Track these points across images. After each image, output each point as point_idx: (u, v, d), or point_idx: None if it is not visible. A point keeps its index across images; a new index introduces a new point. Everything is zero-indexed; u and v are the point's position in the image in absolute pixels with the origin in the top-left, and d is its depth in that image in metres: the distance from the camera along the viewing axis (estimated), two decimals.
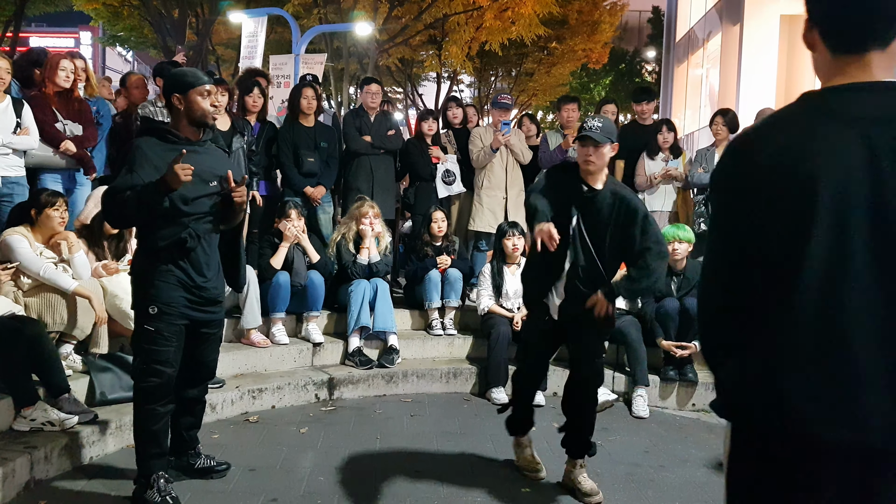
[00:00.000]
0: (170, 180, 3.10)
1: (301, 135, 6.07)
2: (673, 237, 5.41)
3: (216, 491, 3.60)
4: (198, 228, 3.33)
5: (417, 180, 6.72)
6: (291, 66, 10.44)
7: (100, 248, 4.58)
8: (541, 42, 18.05)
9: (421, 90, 23.85)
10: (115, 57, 35.04)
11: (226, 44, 20.91)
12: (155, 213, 3.20)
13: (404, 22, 15.87)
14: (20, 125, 4.81)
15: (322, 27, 13.85)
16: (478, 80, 23.96)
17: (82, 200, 5.07)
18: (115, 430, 3.99)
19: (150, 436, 3.33)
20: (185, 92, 3.30)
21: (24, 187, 4.82)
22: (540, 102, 23.93)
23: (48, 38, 33.32)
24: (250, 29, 11.03)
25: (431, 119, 6.78)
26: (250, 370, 5.16)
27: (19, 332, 3.65)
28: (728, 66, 17.87)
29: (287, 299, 5.39)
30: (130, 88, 6.16)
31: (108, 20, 19.03)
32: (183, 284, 3.32)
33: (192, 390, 3.59)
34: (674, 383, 5.36)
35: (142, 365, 3.30)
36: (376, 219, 5.74)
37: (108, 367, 4.26)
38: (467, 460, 4.15)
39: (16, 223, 4.28)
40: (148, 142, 3.27)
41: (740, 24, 16.97)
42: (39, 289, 4.14)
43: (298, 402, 5.03)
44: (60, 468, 3.66)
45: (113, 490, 3.52)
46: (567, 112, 6.72)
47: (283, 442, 4.31)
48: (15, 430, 3.68)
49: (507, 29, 15.46)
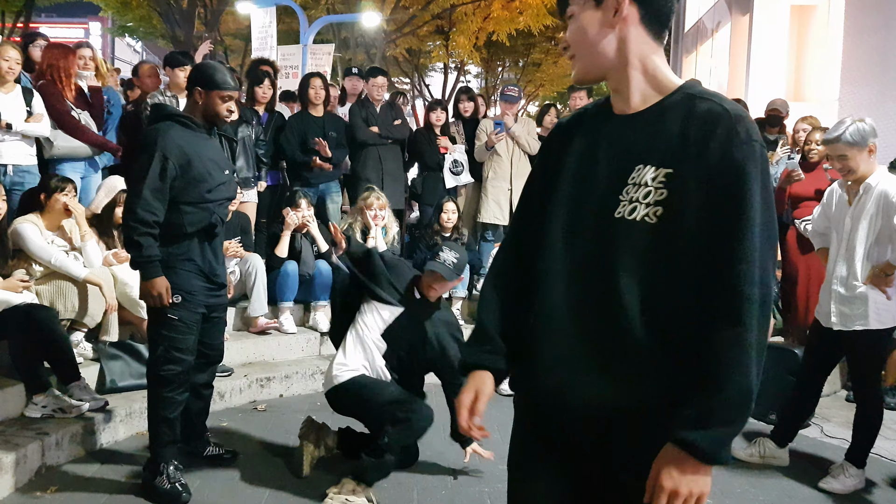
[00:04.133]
0: (151, 293, 3.23)
1: (309, 124, 6.08)
2: None
3: (225, 478, 3.63)
4: (220, 214, 3.42)
5: (425, 170, 6.73)
6: (299, 56, 10.44)
7: (110, 237, 4.61)
8: (548, 32, 17.97)
9: (428, 80, 23.81)
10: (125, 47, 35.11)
11: (234, 34, 20.91)
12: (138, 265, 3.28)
13: (412, 12, 15.85)
14: (30, 113, 4.84)
15: (330, 17, 13.84)
16: (485, 71, 23.91)
17: (94, 189, 5.10)
18: (125, 417, 4.03)
19: (165, 423, 3.36)
20: (209, 90, 3.34)
21: (35, 175, 4.84)
22: (547, 93, 23.85)
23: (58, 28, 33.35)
24: (261, 20, 11.01)
25: (440, 109, 6.78)
26: (258, 359, 5.20)
27: (32, 320, 3.68)
28: (737, 56, 17.78)
29: (295, 288, 5.42)
30: (142, 77, 6.19)
31: (118, 10, 19.06)
32: (202, 272, 3.37)
33: (203, 375, 3.63)
34: None
35: (163, 353, 3.32)
36: (382, 210, 5.74)
37: (118, 354, 4.30)
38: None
39: (26, 210, 4.32)
40: (173, 126, 3.29)
41: (750, 15, 16.87)
42: (51, 276, 4.18)
43: (306, 391, 5.06)
44: (72, 454, 3.71)
45: (123, 476, 3.55)
46: (575, 100, 6.72)
47: (291, 430, 4.32)
48: (27, 417, 3.72)
49: (515, 19, 15.43)
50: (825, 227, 3.98)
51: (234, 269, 5.19)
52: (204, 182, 3.30)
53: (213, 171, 3.34)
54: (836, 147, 3.61)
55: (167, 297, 3.24)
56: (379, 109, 6.47)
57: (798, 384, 4.08)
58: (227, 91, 3.36)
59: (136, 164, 3.27)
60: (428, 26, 17.04)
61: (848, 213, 3.73)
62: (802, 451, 4.26)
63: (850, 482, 3.76)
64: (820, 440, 4.52)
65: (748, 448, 4.16)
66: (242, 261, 5.21)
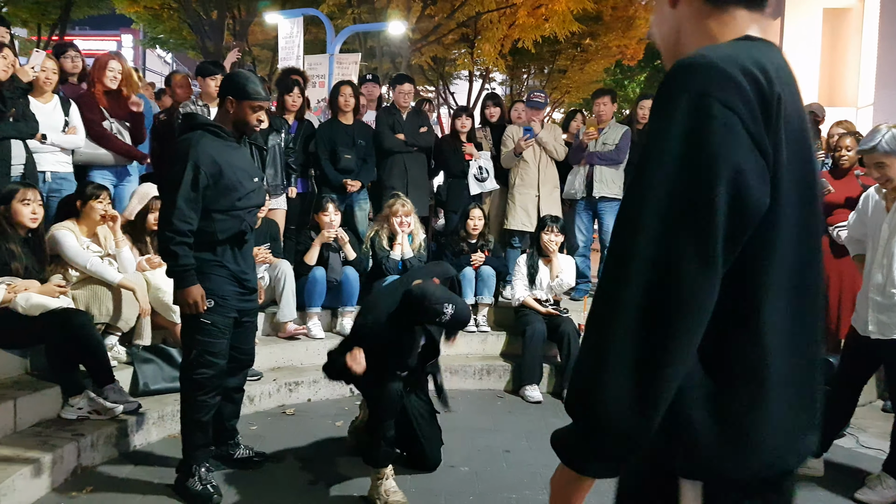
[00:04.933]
0: (187, 301, 3.29)
1: (339, 132, 6.15)
2: None
3: (255, 481, 3.68)
4: (251, 221, 3.48)
5: (450, 177, 6.76)
6: (326, 65, 10.53)
7: (143, 244, 4.70)
8: (574, 39, 17.92)
9: (453, 88, 23.85)
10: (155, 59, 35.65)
11: (262, 44, 21.14)
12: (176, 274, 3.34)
13: (437, 20, 15.90)
14: (68, 123, 4.95)
15: (356, 27, 13.93)
16: (510, 78, 23.88)
17: (128, 196, 5.20)
18: (157, 419, 4.10)
19: (198, 426, 3.42)
20: (240, 100, 3.40)
21: (72, 183, 4.96)
22: (573, 99, 23.75)
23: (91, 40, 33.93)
24: (287, 30, 11.13)
25: (465, 116, 6.81)
26: (287, 363, 5.25)
27: (68, 324, 3.77)
28: None
29: (323, 294, 5.47)
30: (175, 87, 6.30)
31: (149, 23, 19.39)
32: (234, 277, 3.43)
33: (234, 379, 3.68)
34: None
35: (197, 357, 3.38)
36: (408, 216, 5.78)
37: (150, 358, 4.38)
38: (502, 457, 4.17)
39: (63, 216, 4.42)
40: (204, 136, 3.35)
41: (781, 19, 16.70)
42: (86, 282, 4.27)
43: (333, 396, 5.10)
44: (106, 455, 3.78)
45: (156, 478, 3.61)
46: (599, 105, 6.70)
47: (319, 434, 4.38)
48: (63, 418, 3.81)
49: (541, 26, 15.39)
50: (861, 233, 3.91)
51: (264, 275, 5.25)
52: (234, 190, 3.36)
53: (243, 179, 3.40)
54: (873, 156, 3.51)
55: (202, 305, 3.31)
56: (405, 117, 6.52)
57: (833, 393, 3.96)
58: (258, 101, 3.42)
59: (169, 174, 3.34)
60: (453, 34, 17.07)
61: (886, 219, 3.64)
62: (838, 461, 4.19)
63: (888, 493, 3.69)
64: (856, 450, 4.45)
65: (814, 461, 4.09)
66: (271, 267, 5.28)
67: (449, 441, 4.31)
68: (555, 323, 5.43)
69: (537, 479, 3.82)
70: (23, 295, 3.85)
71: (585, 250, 6.76)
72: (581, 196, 6.59)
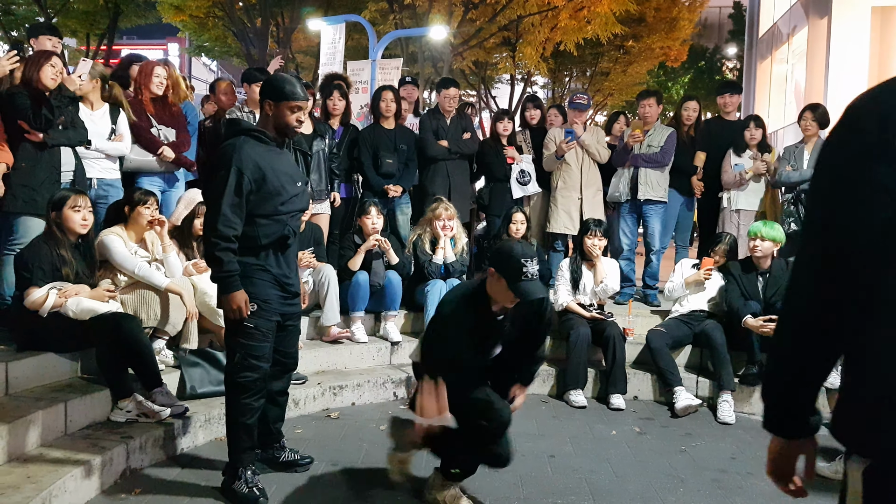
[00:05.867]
0: (231, 306, 3.29)
1: (381, 137, 6.16)
2: (756, 233, 5.26)
3: (300, 484, 3.68)
4: (293, 225, 3.48)
5: (492, 181, 6.72)
6: (368, 71, 10.59)
7: (189, 248, 4.76)
8: (617, 41, 17.76)
9: (494, 92, 23.82)
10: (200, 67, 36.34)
11: (305, 51, 21.40)
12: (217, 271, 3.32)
13: (478, 24, 15.88)
14: (115, 131, 5.04)
15: (398, 32, 13.98)
16: (552, 81, 23.77)
17: (175, 202, 5.27)
18: (204, 422, 4.14)
19: (243, 429, 3.44)
20: (278, 101, 3.41)
21: (119, 189, 5.04)
22: (616, 102, 23.55)
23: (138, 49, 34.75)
24: (330, 37, 11.23)
25: (507, 119, 6.78)
26: (331, 367, 5.27)
27: (118, 328, 3.83)
28: (815, 61, 17.22)
29: (366, 298, 5.48)
30: (219, 95, 6.38)
31: (195, 31, 19.76)
32: (277, 281, 3.44)
33: (279, 382, 3.70)
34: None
35: (241, 360, 3.39)
36: (451, 220, 5.76)
37: (197, 362, 4.42)
38: (547, 462, 4.12)
39: (112, 221, 4.49)
40: (247, 142, 3.36)
41: (828, 18, 16.32)
42: (134, 286, 4.34)
43: (378, 400, 5.10)
44: (154, 458, 3.82)
45: (203, 480, 3.64)
46: (644, 107, 6.60)
47: (363, 438, 4.38)
48: (112, 421, 3.86)
49: (583, 28, 15.28)
50: None
51: (308, 280, 5.28)
52: (278, 195, 3.37)
53: (286, 183, 3.41)
54: None
55: (246, 310, 3.32)
56: (449, 122, 6.50)
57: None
58: (295, 101, 3.41)
59: (213, 181, 3.36)
60: (495, 38, 17.04)
61: None
62: None
63: None
64: None
65: (832, 465, 3.98)
66: (315, 271, 5.31)
67: None
68: (600, 327, 5.36)
69: (583, 485, 3.76)
70: (73, 300, 3.92)
71: (630, 254, 6.65)
72: (626, 199, 6.49)
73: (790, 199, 6.13)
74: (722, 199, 6.54)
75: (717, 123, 7.04)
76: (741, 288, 5.29)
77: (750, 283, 5.29)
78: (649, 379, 5.42)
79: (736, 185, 6.40)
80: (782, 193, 6.43)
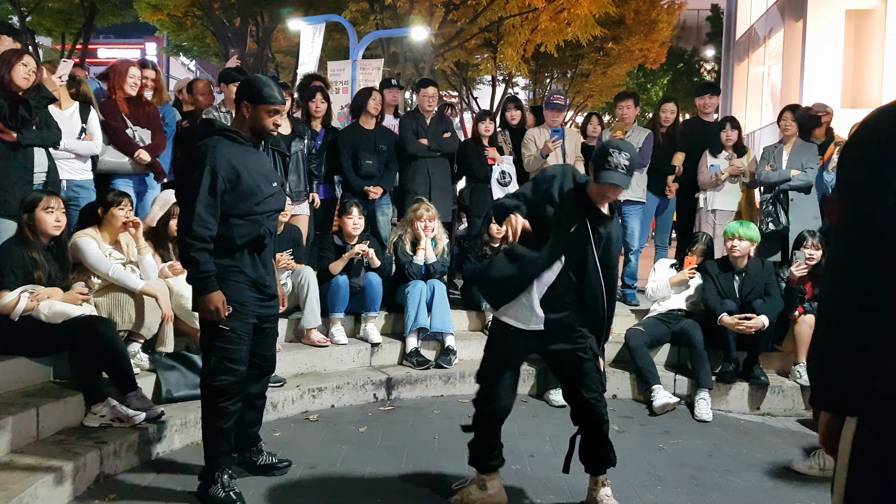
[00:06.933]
0: (208, 308, 3.25)
1: (361, 137, 6.14)
2: (733, 233, 5.30)
3: (278, 487, 3.65)
4: (270, 226, 3.45)
5: (473, 182, 6.72)
6: (349, 71, 10.56)
7: (165, 250, 4.71)
8: (597, 43, 17.85)
9: (476, 93, 23.85)
10: (179, 66, 36.07)
11: (285, 51, 21.31)
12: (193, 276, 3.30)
13: (459, 25, 15.90)
14: (85, 130, 4.97)
15: (379, 33, 13.96)
16: (533, 83, 23.84)
17: (151, 203, 5.21)
18: (180, 426, 4.09)
19: (220, 433, 3.40)
20: (255, 104, 3.38)
21: (90, 191, 4.96)
22: (596, 103, 23.66)
23: (115, 49, 34.49)
24: (310, 37, 11.19)
25: (488, 120, 6.77)
26: (310, 370, 5.23)
27: (91, 332, 3.77)
28: (791, 63, 17.42)
29: (346, 300, 5.45)
30: (196, 94, 6.31)
31: (173, 30, 19.60)
32: (253, 283, 3.41)
33: (256, 385, 3.66)
34: (740, 386, 5.22)
35: (216, 364, 3.35)
36: (432, 221, 5.75)
37: (173, 365, 4.37)
38: (527, 461, 4.12)
39: (86, 224, 4.43)
40: (221, 141, 3.33)
41: (803, 20, 16.52)
42: (108, 289, 4.28)
43: (357, 402, 5.07)
44: (129, 463, 3.77)
45: (179, 485, 3.60)
46: (622, 108, 6.62)
47: (342, 440, 4.35)
48: (86, 426, 3.80)
49: (563, 30, 15.35)
50: None
51: (286, 282, 5.25)
52: (253, 195, 3.34)
53: (261, 184, 3.38)
54: None
55: (224, 311, 3.28)
56: (429, 122, 6.49)
57: None
58: (273, 105, 3.38)
59: (187, 181, 3.32)
60: (476, 39, 17.08)
61: None
62: None
63: None
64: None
65: (808, 460, 4.02)
66: (294, 273, 5.27)
67: None
68: None
69: (562, 484, 3.76)
70: (46, 303, 3.86)
71: None
72: None
73: (769, 199, 6.17)
74: (698, 200, 6.58)
75: (696, 124, 7.09)
76: (718, 287, 5.33)
77: (726, 282, 5.33)
78: (628, 377, 5.44)
79: (712, 186, 6.45)
80: (761, 193, 6.48)
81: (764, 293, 5.24)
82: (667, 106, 6.87)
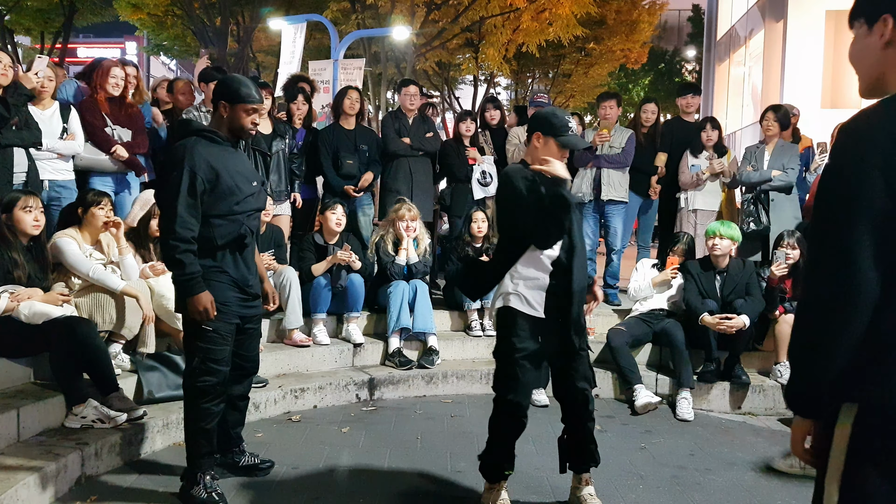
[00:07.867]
0: (197, 308, 3.23)
1: (341, 137, 6.13)
2: (714, 233, 5.34)
3: (260, 488, 3.64)
4: (251, 225, 3.43)
5: (454, 182, 6.73)
6: (330, 71, 10.55)
7: (146, 250, 4.68)
8: (578, 43, 17.93)
9: (458, 93, 23.87)
10: (159, 66, 35.81)
11: (266, 50, 21.22)
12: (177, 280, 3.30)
13: (441, 25, 15.90)
14: (67, 130, 4.93)
15: (360, 32, 13.94)
16: (515, 83, 23.91)
17: (130, 203, 5.18)
18: (162, 427, 4.07)
19: (202, 434, 3.38)
20: (233, 103, 3.37)
21: (72, 191, 4.93)
22: (578, 104, 23.76)
23: (95, 48, 34.17)
24: (291, 36, 11.17)
25: (469, 120, 6.79)
26: (292, 370, 5.22)
27: (72, 333, 3.74)
28: (771, 63, 17.58)
29: (328, 300, 5.45)
30: (177, 94, 6.28)
31: (153, 30, 19.47)
32: (235, 283, 3.40)
33: (239, 386, 3.65)
34: (721, 385, 5.26)
35: (199, 364, 3.34)
36: (413, 221, 5.75)
37: (155, 366, 4.34)
38: None
39: (65, 224, 4.40)
40: (199, 142, 3.32)
41: (784, 21, 16.68)
42: (89, 289, 4.25)
43: (340, 402, 5.07)
44: (110, 464, 3.74)
45: (161, 486, 3.58)
46: (605, 109, 6.65)
47: (325, 441, 4.35)
48: (67, 427, 3.77)
49: (545, 30, 15.38)
50: None
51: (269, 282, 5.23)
52: (232, 195, 3.33)
53: (240, 183, 3.37)
54: None
55: (212, 311, 3.27)
56: (411, 121, 6.49)
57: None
58: (251, 104, 3.38)
59: (166, 183, 3.31)
60: (457, 39, 17.08)
61: None
62: None
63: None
64: None
65: (789, 459, 4.06)
66: (276, 274, 5.25)
67: (455, 446, 4.28)
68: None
69: (544, 484, 3.78)
70: (26, 303, 3.83)
71: (592, 253, 6.71)
72: (589, 199, 6.54)
73: (750, 199, 6.23)
74: (679, 200, 6.63)
75: (677, 124, 7.14)
76: (699, 286, 5.37)
77: (708, 282, 5.38)
78: (610, 377, 5.48)
79: (693, 186, 6.50)
80: (742, 193, 6.54)
81: (745, 293, 5.30)
82: (647, 106, 6.92)
